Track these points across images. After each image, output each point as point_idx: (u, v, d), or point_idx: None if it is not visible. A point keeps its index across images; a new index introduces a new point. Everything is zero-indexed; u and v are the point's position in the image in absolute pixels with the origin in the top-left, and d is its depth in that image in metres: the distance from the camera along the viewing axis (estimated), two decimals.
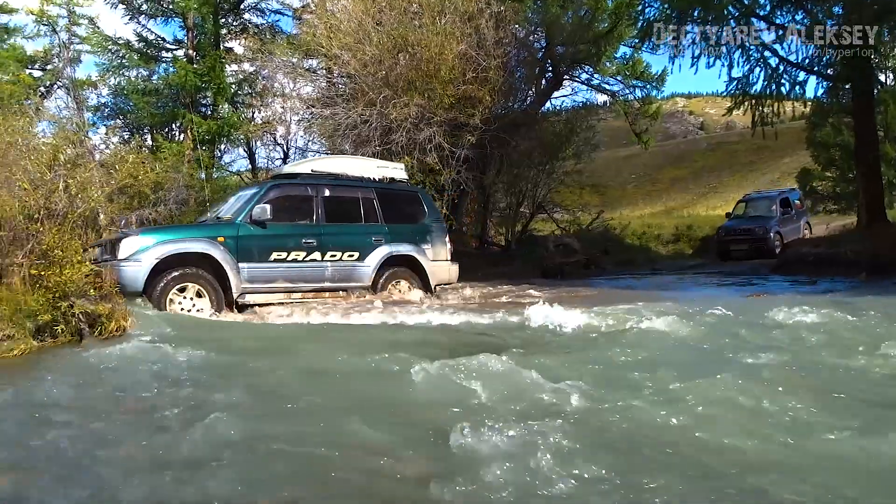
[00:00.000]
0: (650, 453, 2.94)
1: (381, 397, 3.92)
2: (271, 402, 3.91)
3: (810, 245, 15.52)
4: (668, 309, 6.72)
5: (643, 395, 3.75)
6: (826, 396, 3.74)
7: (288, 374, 4.51)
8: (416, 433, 3.24)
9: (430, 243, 9.48)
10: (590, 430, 3.18)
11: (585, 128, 19.55)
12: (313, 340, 6.02)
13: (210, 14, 20.51)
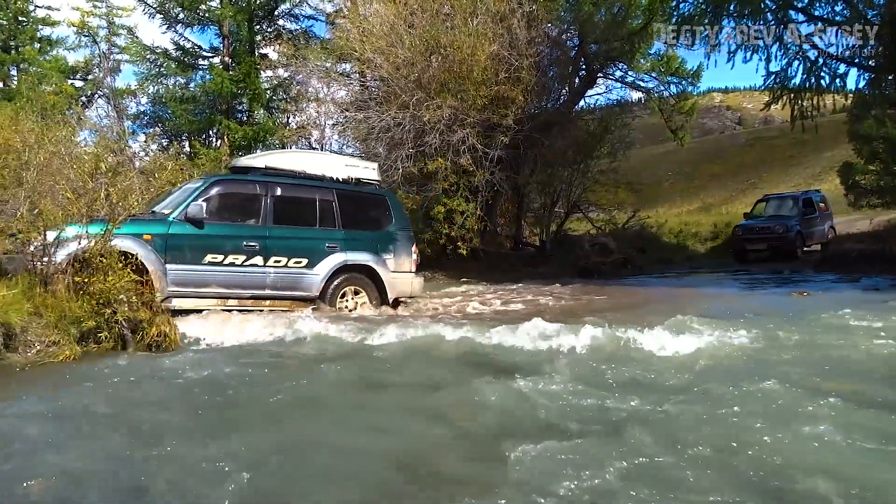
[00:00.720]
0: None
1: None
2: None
3: (854, 241, 15.13)
4: (676, 326, 5.87)
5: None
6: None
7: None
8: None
9: (392, 252, 8.74)
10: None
11: (620, 125, 19.32)
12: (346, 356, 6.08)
13: (245, 21, 20.86)
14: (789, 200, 19.56)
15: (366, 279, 8.49)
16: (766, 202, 20.22)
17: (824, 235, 19.23)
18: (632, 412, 3.60)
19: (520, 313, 8.42)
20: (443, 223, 15.04)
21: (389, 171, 14.92)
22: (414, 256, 9.06)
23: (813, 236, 18.58)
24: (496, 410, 3.81)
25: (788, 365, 4.61)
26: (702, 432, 3.21)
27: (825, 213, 19.89)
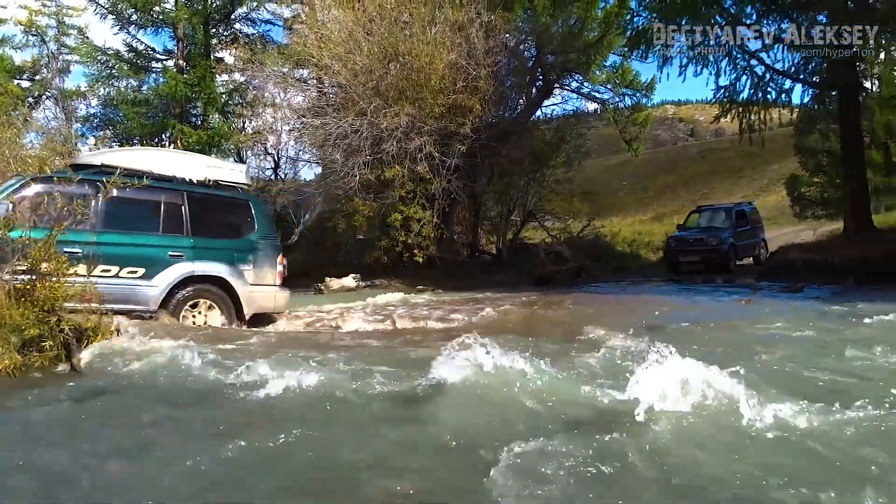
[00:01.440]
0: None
1: None
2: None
3: (798, 251, 15.62)
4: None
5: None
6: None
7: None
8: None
9: (251, 263, 7.86)
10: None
11: (575, 136, 19.64)
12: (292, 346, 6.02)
13: (201, 24, 20.56)
14: (722, 212, 19.25)
15: (218, 292, 7.57)
16: (699, 213, 19.91)
17: (756, 249, 19.12)
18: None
19: (443, 332, 7.46)
20: (399, 230, 15.05)
21: (346, 177, 14.87)
22: (279, 268, 8.18)
23: (746, 249, 18.41)
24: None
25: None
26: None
27: (757, 226, 19.73)
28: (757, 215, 20.06)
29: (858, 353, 4.94)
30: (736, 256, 17.62)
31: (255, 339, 6.39)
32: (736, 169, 53.31)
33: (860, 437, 3.12)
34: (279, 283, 8.15)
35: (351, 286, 14.73)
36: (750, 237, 18.68)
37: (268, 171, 21.73)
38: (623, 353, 4.88)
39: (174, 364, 4.99)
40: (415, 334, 7.32)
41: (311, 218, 19.15)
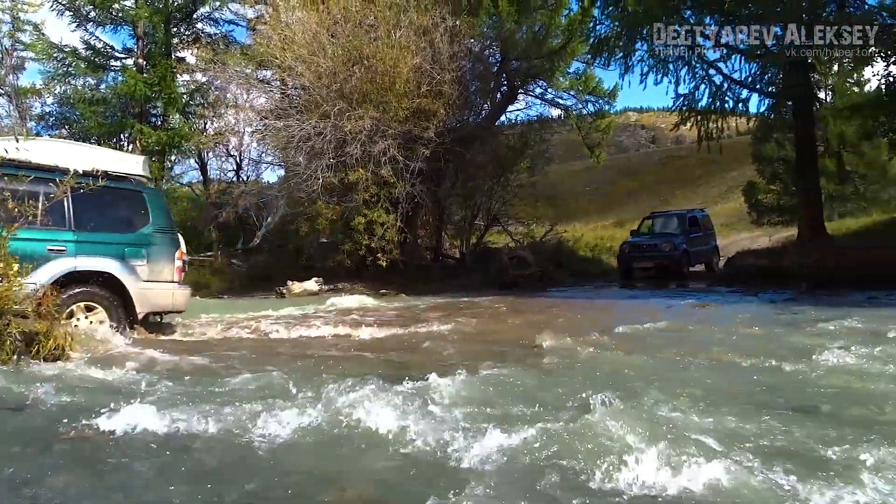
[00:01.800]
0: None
1: None
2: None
3: (754, 257, 15.96)
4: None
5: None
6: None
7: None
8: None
9: (145, 258, 7.23)
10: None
11: (539, 141, 19.82)
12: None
13: (161, 23, 20.23)
14: (675, 218, 19.09)
15: (106, 291, 6.93)
16: (652, 219, 19.77)
17: (708, 255, 19.06)
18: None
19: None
20: (363, 234, 14.98)
21: (309, 180, 14.76)
22: (178, 263, 7.55)
23: (698, 255, 18.26)
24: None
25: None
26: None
27: (709, 233, 19.67)
28: (709, 222, 20.02)
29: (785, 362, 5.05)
30: (689, 263, 17.54)
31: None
32: (696, 176, 54.35)
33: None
34: (178, 280, 7.56)
35: (314, 290, 14.63)
36: (702, 243, 18.62)
37: (230, 173, 21.53)
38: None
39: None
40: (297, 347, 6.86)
41: (273, 221, 19.00)
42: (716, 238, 20.37)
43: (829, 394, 4.14)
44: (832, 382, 4.40)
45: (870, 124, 13.79)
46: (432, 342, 6.73)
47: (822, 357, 4.99)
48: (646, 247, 17.59)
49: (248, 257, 18.77)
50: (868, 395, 4.10)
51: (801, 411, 3.72)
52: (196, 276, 16.84)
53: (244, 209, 17.89)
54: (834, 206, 27.93)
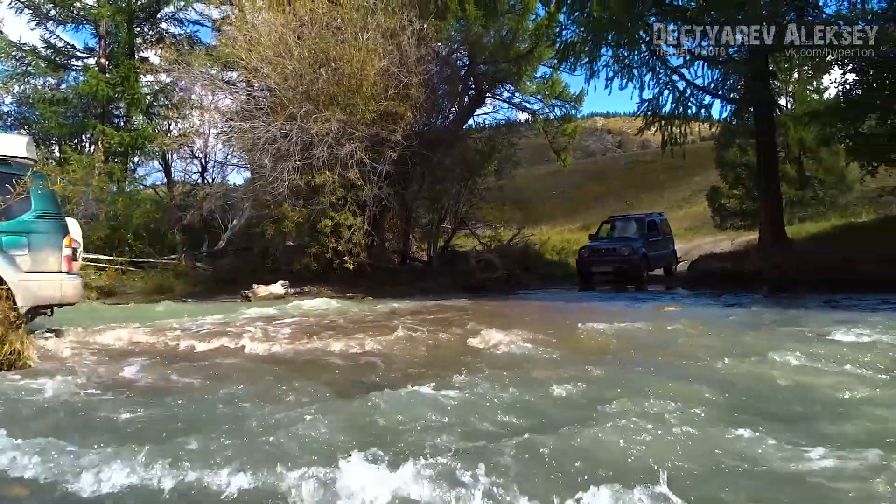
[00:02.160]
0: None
1: None
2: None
3: (717, 260, 16.24)
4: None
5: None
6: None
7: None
8: None
9: (26, 247, 6.62)
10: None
11: (507, 145, 19.90)
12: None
13: (124, 22, 19.93)
14: (633, 222, 18.85)
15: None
16: (611, 224, 19.52)
17: (667, 259, 18.92)
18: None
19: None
20: (329, 237, 14.88)
21: (275, 183, 14.64)
22: (66, 251, 6.93)
23: (657, 260, 18.09)
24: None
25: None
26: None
27: (668, 237, 19.50)
28: (667, 227, 19.94)
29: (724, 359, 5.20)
30: (648, 267, 17.39)
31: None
32: (661, 180, 55.07)
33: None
34: (67, 270, 6.94)
35: (279, 293, 14.50)
36: (662, 247, 18.50)
37: (195, 174, 21.26)
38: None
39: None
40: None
41: (239, 223, 18.78)
42: (674, 242, 20.28)
43: (773, 392, 4.28)
44: (780, 382, 4.54)
45: (828, 131, 14.15)
46: (339, 360, 6.01)
47: (773, 357, 5.14)
48: (605, 251, 17.37)
49: (213, 260, 18.53)
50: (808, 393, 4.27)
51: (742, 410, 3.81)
52: (160, 280, 16.59)
53: (209, 211, 17.64)
54: (794, 211, 28.49)
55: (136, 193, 21.18)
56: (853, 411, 3.79)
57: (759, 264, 14.46)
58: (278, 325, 8.82)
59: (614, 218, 20.19)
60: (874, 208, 25.48)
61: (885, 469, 2.73)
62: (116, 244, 18.10)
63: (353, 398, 4.20)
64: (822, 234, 19.89)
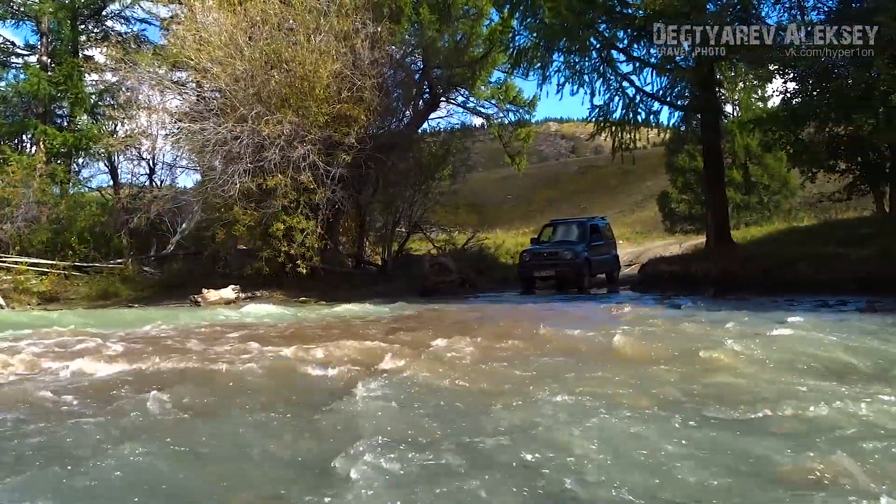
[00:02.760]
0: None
1: None
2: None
3: (666, 263, 16.54)
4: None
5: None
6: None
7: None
8: None
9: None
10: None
11: (461, 149, 19.96)
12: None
13: (68, 19, 19.37)
14: (576, 226, 18.09)
15: None
16: (552, 227, 18.66)
17: (610, 265, 18.23)
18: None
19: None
20: (282, 241, 14.70)
21: (226, 185, 14.39)
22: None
23: (600, 265, 17.47)
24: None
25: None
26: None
27: (610, 242, 18.87)
28: (610, 231, 19.41)
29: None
30: (591, 272, 16.74)
31: None
32: (613, 185, 55.94)
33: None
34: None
35: (230, 298, 14.28)
36: (604, 252, 17.91)
37: (142, 177, 20.75)
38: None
39: None
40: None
41: (188, 227, 18.42)
42: (616, 248, 19.70)
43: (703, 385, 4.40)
44: (712, 377, 4.70)
45: (770, 137, 14.59)
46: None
47: (706, 354, 5.40)
48: (546, 255, 16.63)
49: (161, 265, 18.13)
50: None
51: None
52: (105, 285, 16.17)
53: (157, 215, 17.24)
54: (740, 215, 29.24)
55: (80, 196, 20.60)
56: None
57: (705, 267, 14.78)
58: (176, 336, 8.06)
59: (556, 221, 19.41)
60: (815, 213, 26.33)
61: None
62: (59, 248, 17.58)
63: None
64: (766, 238, 20.42)
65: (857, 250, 13.67)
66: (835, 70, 12.14)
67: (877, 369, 5.05)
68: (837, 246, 14.72)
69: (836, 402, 3.87)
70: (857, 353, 5.41)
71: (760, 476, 2.87)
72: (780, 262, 14.01)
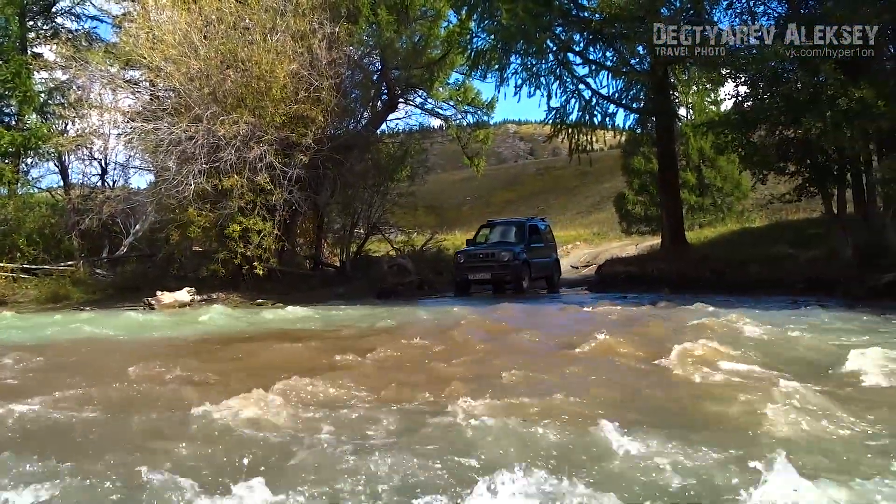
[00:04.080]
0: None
1: None
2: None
3: (623, 264, 16.83)
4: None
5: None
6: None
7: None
8: None
9: None
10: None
11: (419, 150, 19.99)
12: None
13: (15, 15, 18.82)
14: (514, 227, 17.24)
15: None
16: (489, 228, 17.89)
17: (550, 268, 17.27)
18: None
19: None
20: (238, 242, 14.51)
21: (180, 186, 14.15)
22: None
23: (539, 268, 16.57)
24: None
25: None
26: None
27: (550, 244, 17.99)
28: (551, 234, 18.48)
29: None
30: (530, 275, 16.02)
31: None
32: (572, 186, 56.61)
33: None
34: None
35: (185, 300, 14.06)
36: (544, 255, 16.96)
37: (94, 177, 20.26)
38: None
39: None
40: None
41: (142, 228, 18.06)
42: (557, 251, 18.82)
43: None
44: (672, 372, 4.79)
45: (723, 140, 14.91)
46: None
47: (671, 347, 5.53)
48: (482, 256, 15.75)
49: (114, 267, 17.74)
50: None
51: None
52: (55, 287, 15.77)
53: (109, 216, 16.86)
54: (695, 217, 29.81)
55: (29, 197, 20.03)
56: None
57: (660, 267, 15.09)
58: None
59: (493, 222, 18.46)
60: (766, 214, 27.00)
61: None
62: (7, 250, 17.10)
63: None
64: (719, 239, 20.90)
65: (805, 251, 14.12)
66: (784, 74, 12.47)
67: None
68: (788, 246, 15.19)
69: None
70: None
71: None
72: (733, 262, 14.39)
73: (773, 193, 17.96)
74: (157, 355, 6.69)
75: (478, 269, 15.52)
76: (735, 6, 14.88)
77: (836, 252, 13.05)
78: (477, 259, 15.73)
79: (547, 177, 63.56)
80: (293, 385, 4.70)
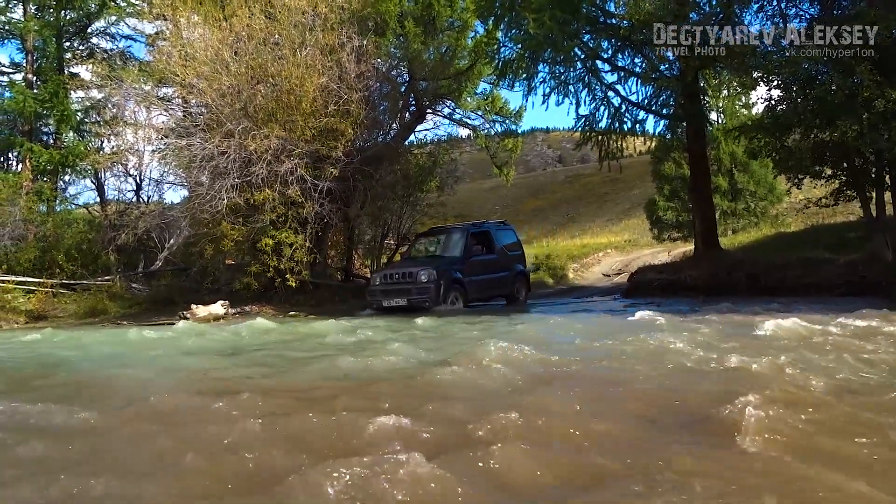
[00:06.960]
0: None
1: None
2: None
3: (655, 272, 16.63)
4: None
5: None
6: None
7: None
8: None
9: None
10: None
11: (448, 160, 20.02)
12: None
13: (53, 37, 19.34)
14: (456, 235, 14.59)
15: None
16: (427, 237, 15.85)
17: (506, 284, 14.58)
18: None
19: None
20: (270, 255, 14.67)
21: (213, 201, 14.36)
22: None
23: (485, 285, 14.05)
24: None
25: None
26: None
27: (510, 254, 15.10)
28: (512, 239, 15.53)
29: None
30: (465, 294, 13.43)
31: None
32: (602, 193, 56.29)
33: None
34: None
35: (220, 313, 14.20)
36: (496, 269, 14.35)
37: (129, 193, 20.69)
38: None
39: None
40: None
41: (176, 243, 18.37)
42: (524, 260, 15.94)
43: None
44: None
45: (755, 144, 14.72)
46: None
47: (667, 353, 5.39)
48: (398, 277, 13.32)
49: (149, 281, 18.06)
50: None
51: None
52: (93, 302, 16.09)
53: (145, 231, 17.20)
54: (728, 222, 29.46)
55: (67, 213, 20.53)
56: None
57: (694, 274, 14.89)
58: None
59: (435, 230, 16.09)
60: (801, 218, 26.56)
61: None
62: (47, 266, 17.51)
63: None
64: (753, 244, 20.61)
65: (843, 255, 13.82)
66: (818, 77, 12.28)
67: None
68: (825, 251, 14.90)
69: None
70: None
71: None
72: (769, 266, 14.14)
73: (808, 197, 17.71)
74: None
75: (392, 293, 13.15)
76: (766, 8, 14.73)
77: (876, 254, 12.77)
78: (391, 281, 13.37)
79: (576, 184, 63.29)
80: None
